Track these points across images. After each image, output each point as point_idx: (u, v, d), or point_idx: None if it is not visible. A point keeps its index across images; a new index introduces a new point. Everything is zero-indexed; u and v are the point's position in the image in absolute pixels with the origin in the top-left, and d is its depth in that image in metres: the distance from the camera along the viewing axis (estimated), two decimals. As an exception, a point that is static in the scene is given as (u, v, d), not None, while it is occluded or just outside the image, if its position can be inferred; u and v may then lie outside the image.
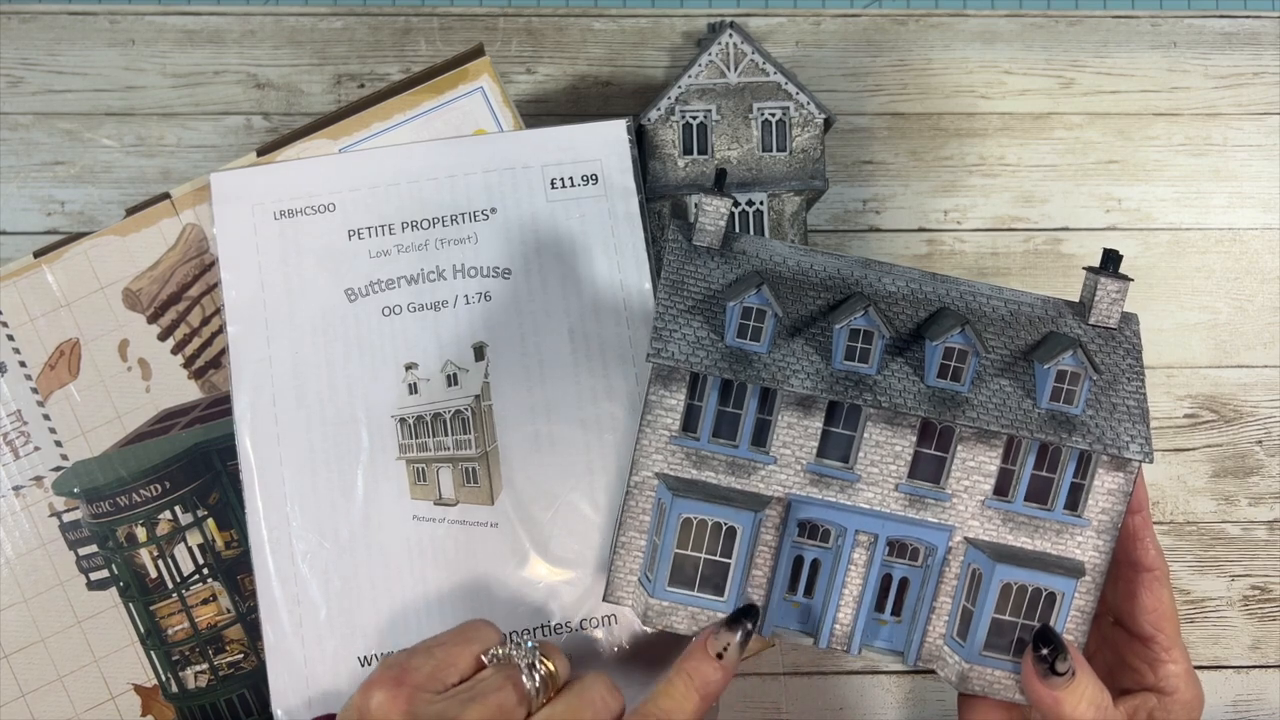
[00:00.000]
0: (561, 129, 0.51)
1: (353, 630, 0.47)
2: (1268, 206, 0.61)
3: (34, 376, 0.52)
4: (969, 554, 0.42)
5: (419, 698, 0.37)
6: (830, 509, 0.42)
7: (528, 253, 0.50)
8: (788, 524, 0.42)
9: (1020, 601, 0.41)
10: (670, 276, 0.42)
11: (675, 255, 0.43)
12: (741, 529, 0.41)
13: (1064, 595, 0.41)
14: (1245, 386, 0.59)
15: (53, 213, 0.58)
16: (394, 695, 0.37)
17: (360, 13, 0.60)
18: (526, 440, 0.49)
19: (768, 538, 0.42)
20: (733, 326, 0.41)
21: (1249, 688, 0.58)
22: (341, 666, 0.47)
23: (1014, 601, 0.41)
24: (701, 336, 0.41)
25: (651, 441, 0.42)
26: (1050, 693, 0.39)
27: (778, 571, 0.42)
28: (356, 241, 0.50)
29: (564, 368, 0.49)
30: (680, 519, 0.40)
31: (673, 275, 0.42)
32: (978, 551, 0.42)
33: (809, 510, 0.42)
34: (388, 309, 0.50)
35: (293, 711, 0.47)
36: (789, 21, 0.61)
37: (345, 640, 0.47)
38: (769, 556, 0.42)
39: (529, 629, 0.48)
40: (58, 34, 0.59)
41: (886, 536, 0.42)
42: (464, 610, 0.48)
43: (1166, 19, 0.62)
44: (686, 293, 0.42)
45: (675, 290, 0.42)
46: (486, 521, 0.48)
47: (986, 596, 0.41)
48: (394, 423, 0.49)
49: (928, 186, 0.60)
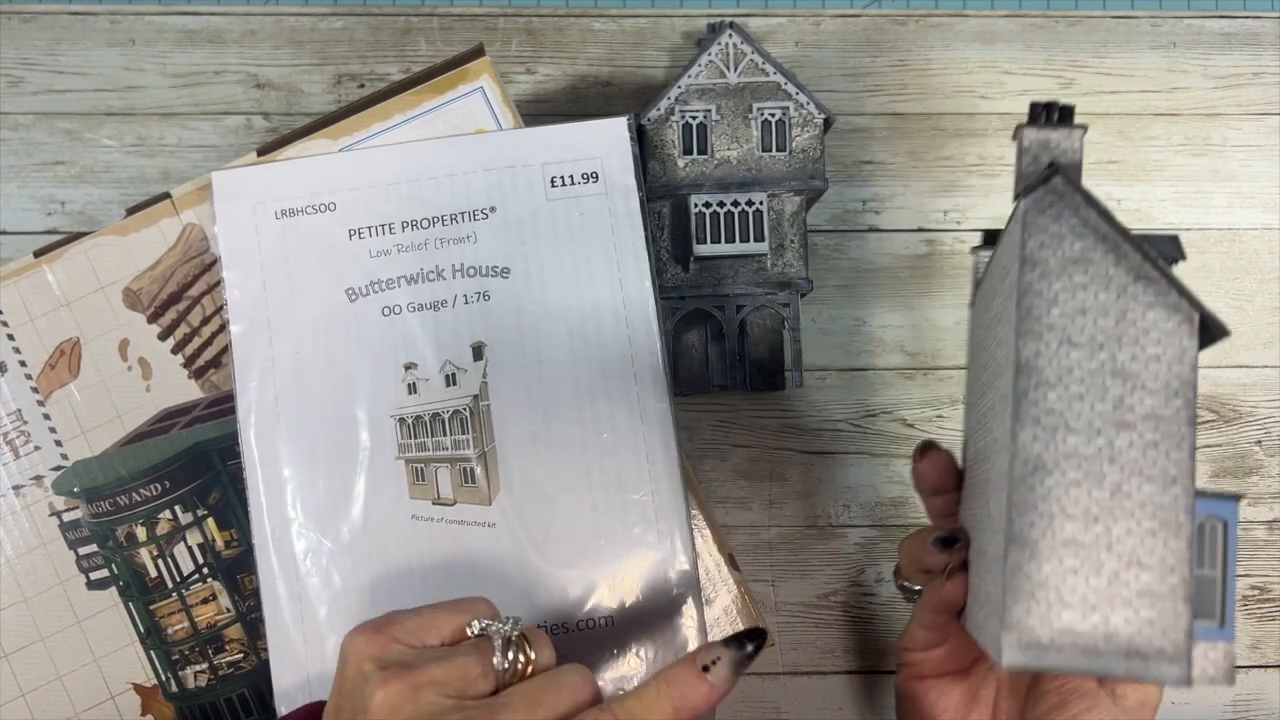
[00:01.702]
0: (561, 127, 0.51)
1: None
2: (1268, 206, 0.61)
3: (34, 376, 0.52)
4: (1201, 506, 0.34)
5: (391, 647, 0.38)
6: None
7: (527, 252, 0.50)
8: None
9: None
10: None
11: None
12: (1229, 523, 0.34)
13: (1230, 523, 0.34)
14: (1245, 386, 0.59)
15: (53, 213, 0.58)
16: (369, 639, 0.38)
17: (360, 13, 0.60)
18: (525, 440, 0.49)
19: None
20: None
21: (1249, 688, 0.58)
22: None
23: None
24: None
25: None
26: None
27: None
28: (357, 241, 0.50)
29: (562, 367, 0.49)
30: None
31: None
32: (1208, 500, 0.34)
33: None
34: (388, 309, 0.50)
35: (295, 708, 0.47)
36: (789, 21, 0.61)
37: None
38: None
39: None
40: (58, 34, 0.59)
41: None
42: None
43: (1166, 19, 0.62)
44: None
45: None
46: (484, 521, 0.48)
47: (1230, 553, 0.34)
48: (393, 422, 0.49)
49: (927, 186, 0.60)
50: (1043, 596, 0.33)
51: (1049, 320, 0.34)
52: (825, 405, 0.59)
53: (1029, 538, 0.33)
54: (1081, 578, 0.33)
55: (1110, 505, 0.33)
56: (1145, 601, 0.32)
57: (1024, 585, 0.33)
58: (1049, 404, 0.33)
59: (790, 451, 0.58)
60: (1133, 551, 0.33)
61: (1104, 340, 0.33)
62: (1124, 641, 0.32)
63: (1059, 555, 0.33)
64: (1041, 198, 0.34)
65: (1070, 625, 0.32)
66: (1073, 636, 0.32)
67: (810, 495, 0.58)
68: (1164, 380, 0.33)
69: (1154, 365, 0.33)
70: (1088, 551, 0.33)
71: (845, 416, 0.59)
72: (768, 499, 0.58)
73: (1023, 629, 0.32)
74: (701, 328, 0.57)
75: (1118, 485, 0.33)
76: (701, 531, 0.50)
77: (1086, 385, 0.33)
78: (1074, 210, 0.34)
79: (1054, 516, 0.33)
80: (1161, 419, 0.33)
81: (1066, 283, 0.34)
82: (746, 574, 0.51)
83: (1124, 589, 0.32)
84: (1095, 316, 0.34)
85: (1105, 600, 0.32)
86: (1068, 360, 0.33)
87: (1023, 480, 0.33)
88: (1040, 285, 0.34)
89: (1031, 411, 0.33)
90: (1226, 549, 0.34)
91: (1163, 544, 0.32)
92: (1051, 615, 0.33)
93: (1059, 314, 0.34)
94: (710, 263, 0.55)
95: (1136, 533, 0.33)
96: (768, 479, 0.58)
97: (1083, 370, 0.33)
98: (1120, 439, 0.33)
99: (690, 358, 0.57)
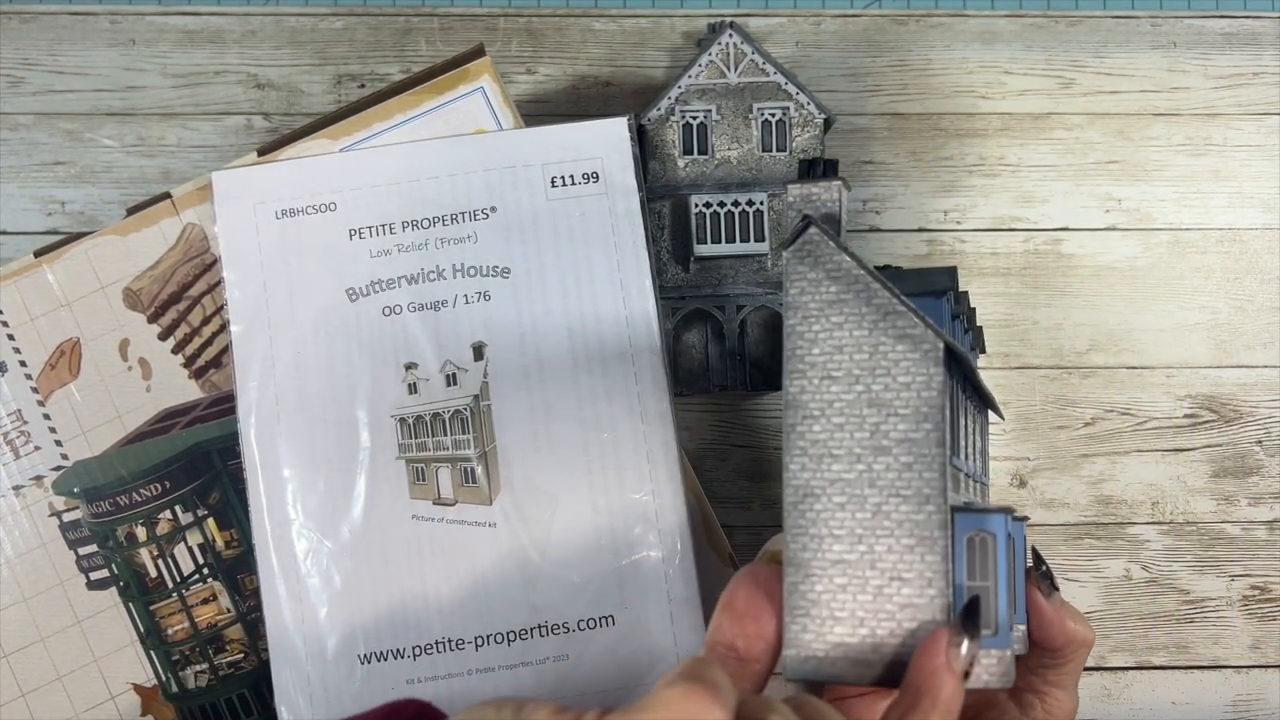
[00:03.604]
0: (561, 127, 0.51)
1: (353, 629, 0.47)
2: (1268, 206, 0.61)
3: (34, 376, 0.52)
4: (967, 521, 0.36)
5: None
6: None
7: (528, 252, 0.50)
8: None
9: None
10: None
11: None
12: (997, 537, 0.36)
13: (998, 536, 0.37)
14: (1245, 386, 0.59)
15: (53, 213, 0.58)
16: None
17: (360, 13, 0.60)
18: (525, 440, 0.49)
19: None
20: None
21: (1249, 688, 0.58)
22: (342, 665, 0.47)
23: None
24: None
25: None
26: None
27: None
28: (357, 241, 0.50)
29: (563, 367, 0.49)
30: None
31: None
32: (973, 515, 0.36)
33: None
34: (388, 309, 0.50)
35: (295, 709, 0.47)
36: (789, 21, 0.61)
37: (346, 639, 0.47)
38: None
39: (524, 629, 0.48)
40: (58, 34, 0.59)
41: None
42: (462, 609, 0.48)
43: (1166, 19, 0.62)
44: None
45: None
46: (485, 521, 0.48)
47: (1002, 564, 0.36)
48: (394, 422, 0.49)
49: (928, 187, 0.60)
50: (816, 613, 0.35)
51: (810, 359, 0.36)
52: (825, 405, 0.59)
53: (801, 559, 0.35)
54: (850, 594, 0.35)
55: (872, 525, 0.35)
56: (907, 614, 0.35)
57: (799, 604, 0.35)
58: (814, 435, 0.36)
59: (790, 451, 0.58)
60: (894, 567, 0.35)
61: (860, 373, 0.36)
62: (890, 652, 0.34)
63: (829, 574, 0.35)
64: (800, 247, 0.37)
65: (842, 639, 0.35)
66: (845, 649, 0.35)
67: (810, 495, 0.58)
68: (914, 406, 0.36)
69: (904, 393, 0.36)
70: (854, 569, 0.35)
71: (845, 416, 0.59)
72: (768, 499, 0.58)
73: (800, 644, 0.35)
74: (701, 328, 0.57)
75: (878, 506, 0.35)
76: (701, 531, 0.50)
77: (846, 416, 0.36)
78: (829, 256, 0.37)
79: (823, 538, 0.35)
80: (914, 442, 0.35)
81: (825, 323, 0.37)
82: (747, 574, 0.51)
83: (888, 603, 0.35)
84: (851, 352, 0.36)
85: (872, 614, 0.35)
86: (829, 394, 0.36)
87: (794, 506, 0.36)
88: (802, 328, 0.37)
89: (799, 443, 0.36)
90: (998, 561, 0.36)
91: (920, 559, 0.35)
92: (825, 630, 0.35)
93: (819, 352, 0.36)
94: (710, 263, 0.55)
95: (896, 549, 0.35)
96: (768, 479, 0.58)
97: (843, 402, 0.36)
98: (879, 463, 0.36)
99: (690, 358, 0.57)
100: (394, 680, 0.47)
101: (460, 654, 0.48)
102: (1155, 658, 0.58)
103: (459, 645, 0.48)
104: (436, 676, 0.47)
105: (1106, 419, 0.59)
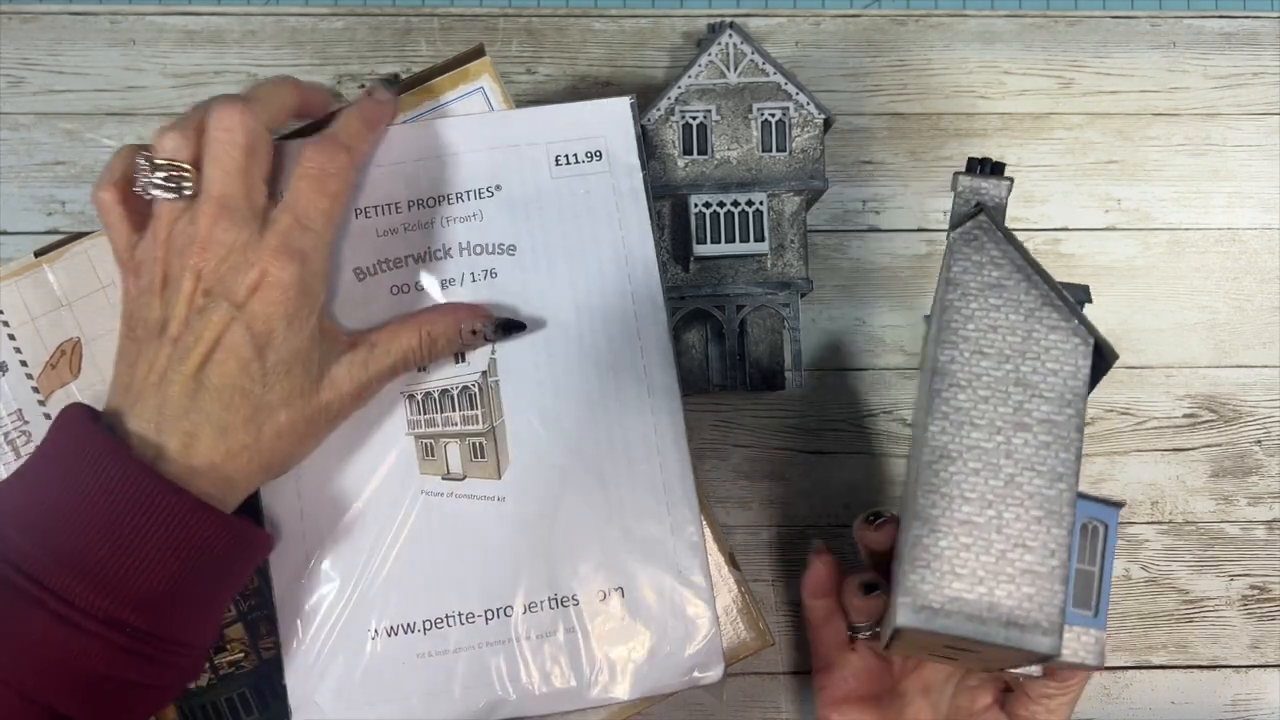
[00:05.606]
0: (565, 106, 0.51)
1: (363, 604, 0.48)
2: (1267, 206, 0.61)
3: (35, 376, 0.52)
4: (1086, 508, 0.40)
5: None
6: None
7: (533, 229, 0.50)
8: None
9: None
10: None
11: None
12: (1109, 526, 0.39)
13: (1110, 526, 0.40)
14: (1244, 386, 0.59)
15: (54, 212, 0.59)
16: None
17: (361, 13, 0.60)
18: (533, 415, 0.49)
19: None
20: None
21: (1248, 688, 0.58)
22: (352, 640, 0.47)
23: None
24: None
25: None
26: None
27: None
28: (364, 220, 0.50)
29: (570, 342, 0.49)
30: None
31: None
32: (1093, 503, 0.39)
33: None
34: (396, 287, 0.50)
35: (304, 684, 0.47)
36: (789, 21, 0.61)
37: (356, 614, 0.48)
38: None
39: (534, 603, 0.48)
40: (58, 34, 0.59)
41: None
42: (473, 583, 0.48)
43: (1166, 19, 0.62)
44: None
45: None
46: (494, 495, 0.48)
47: (1109, 553, 0.40)
48: (403, 399, 0.49)
49: (927, 186, 0.60)
50: (937, 567, 0.37)
51: (964, 333, 0.39)
52: (825, 405, 0.59)
53: (930, 515, 0.38)
54: (973, 554, 0.37)
55: (1004, 493, 0.38)
56: (1027, 579, 0.37)
57: (922, 556, 0.37)
58: (959, 402, 0.38)
59: (790, 451, 0.58)
60: (1019, 535, 0.37)
61: (1010, 353, 0.39)
62: (1005, 613, 0.37)
63: (955, 533, 0.38)
64: (968, 230, 0.40)
65: (959, 594, 0.37)
66: (961, 604, 0.37)
67: (810, 495, 0.58)
68: (1059, 391, 0.38)
69: (1052, 378, 0.38)
70: (980, 531, 0.37)
71: (845, 416, 0.59)
72: (768, 499, 0.58)
73: (917, 594, 0.37)
74: (701, 328, 0.57)
75: (1011, 477, 0.38)
76: (702, 530, 0.50)
77: (992, 390, 0.39)
78: (995, 244, 0.40)
79: (953, 499, 0.38)
80: (1055, 423, 0.38)
81: (983, 303, 0.39)
82: (746, 574, 0.51)
83: (1009, 566, 0.37)
84: (1005, 333, 0.39)
85: (992, 575, 0.37)
86: (978, 367, 0.39)
87: (929, 466, 0.38)
88: (960, 303, 0.39)
89: (942, 408, 0.38)
90: (1105, 549, 0.39)
91: (1046, 531, 0.37)
92: (944, 584, 0.37)
93: (974, 328, 0.39)
94: (710, 263, 0.55)
95: (1024, 519, 0.37)
96: (768, 479, 0.58)
97: (990, 377, 0.39)
98: (1018, 437, 0.38)
99: (690, 358, 0.57)
100: (405, 654, 0.47)
101: (471, 627, 0.48)
102: (1155, 657, 0.58)
103: (469, 619, 0.48)
104: (447, 650, 0.48)
105: (1106, 419, 0.59)
